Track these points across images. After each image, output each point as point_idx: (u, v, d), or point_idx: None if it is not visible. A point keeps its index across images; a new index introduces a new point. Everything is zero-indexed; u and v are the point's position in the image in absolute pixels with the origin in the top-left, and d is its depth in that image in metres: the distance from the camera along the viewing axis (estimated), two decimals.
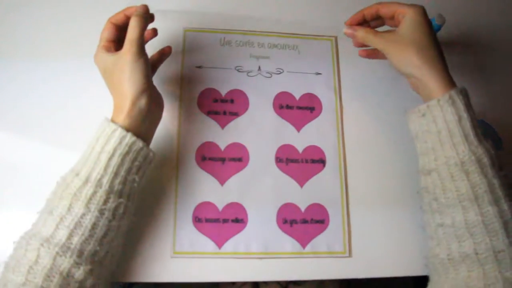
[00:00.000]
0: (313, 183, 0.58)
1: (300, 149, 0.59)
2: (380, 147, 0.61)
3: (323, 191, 0.58)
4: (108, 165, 0.45)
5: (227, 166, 0.57)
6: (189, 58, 0.62)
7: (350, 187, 0.58)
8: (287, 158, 0.58)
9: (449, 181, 0.47)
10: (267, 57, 0.63)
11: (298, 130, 0.60)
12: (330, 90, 0.62)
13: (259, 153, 0.58)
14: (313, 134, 0.60)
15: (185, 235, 0.54)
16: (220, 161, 0.57)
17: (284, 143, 0.59)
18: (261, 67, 0.62)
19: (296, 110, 0.61)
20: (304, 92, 0.62)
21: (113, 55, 0.48)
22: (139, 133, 0.47)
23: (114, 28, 0.51)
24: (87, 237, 0.43)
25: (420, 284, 0.53)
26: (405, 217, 0.57)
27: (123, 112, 0.47)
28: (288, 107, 0.61)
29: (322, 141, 0.60)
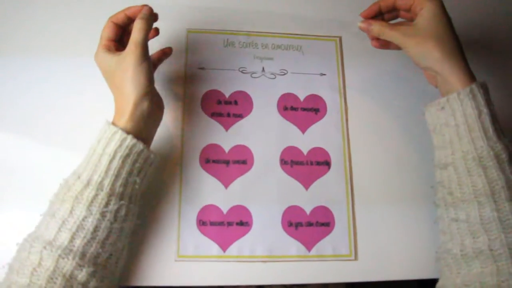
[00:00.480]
0: (318, 185, 0.57)
1: (305, 151, 0.58)
2: (386, 149, 0.60)
3: (328, 193, 0.57)
4: (109, 167, 0.45)
5: (231, 168, 0.57)
6: (192, 59, 0.61)
7: (355, 189, 0.58)
8: (291, 160, 0.58)
9: (465, 176, 0.46)
10: (271, 58, 0.63)
11: (303, 132, 0.59)
12: (335, 91, 0.62)
13: (264, 155, 0.58)
14: (318, 136, 0.59)
15: (189, 238, 0.53)
16: (224, 164, 0.57)
17: (289, 145, 0.58)
18: (265, 68, 0.62)
19: (301, 111, 0.60)
20: (308, 93, 0.61)
21: (115, 56, 0.48)
22: (140, 135, 0.47)
23: (115, 27, 0.50)
24: (89, 240, 0.43)
25: (424, 285, 0.52)
26: (412, 219, 0.57)
27: (124, 115, 0.46)
28: (293, 108, 0.60)
29: (327, 142, 0.59)
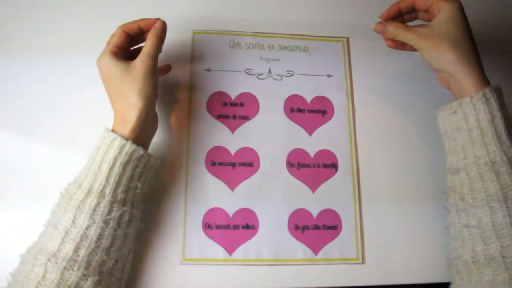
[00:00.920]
0: (325, 188, 0.57)
1: (312, 153, 0.58)
2: (394, 151, 0.59)
3: (335, 196, 0.56)
4: (109, 175, 0.44)
5: (237, 171, 0.56)
6: (198, 60, 0.61)
7: (363, 192, 0.57)
8: (298, 163, 0.57)
9: (477, 181, 0.45)
10: (278, 59, 0.62)
11: (310, 134, 0.59)
12: (342, 93, 0.61)
13: (270, 157, 0.57)
14: (325, 138, 0.59)
15: (195, 241, 0.53)
16: (231, 166, 0.56)
17: (296, 147, 0.58)
18: (271, 70, 0.61)
19: (308, 113, 0.60)
20: (315, 95, 0.61)
21: (123, 64, 0.48)
22: (138, 141, 0.47)
23: (126, 36, 0.50)
24: (94, 248, 0.43)
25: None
26: (421, 222, 0.56)
27: (127, 124, 0.46)
28: (299, 110, 0.60)
29: (334, 145, 0.58)
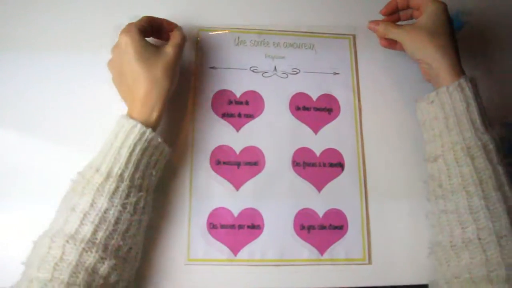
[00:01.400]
0: (331, 187, 0.56)
1: (318, 152, 0.57)
2: (401, 150, 0.59)
3: (341, 195, 0.56)
4: (129, 160, 0.45)
5: (242, 170, 0.56)
6: (203, 58, 0.60)
7: (369, 191, 0.57)
8: (304, 162, 0.57)
9: (454, 167, 0.47)
10: (283, 57, 0.61)
11: (316, 133, 0.58)
12: (349, 91, 0.60)
13: (275, 156, 0.56)
14: (331, 137, 0.58)
15: (200, 241, 0.52)
16: (236, 165, 0.56)
17: (301, 146, 0.57)
18: (276, 67, 0.61)
19: (313, 111, 0.59)
20: (321, 93, 0.60)
21: (153, 45, 0.50)
22: (155, 129, 0.49)
23: (150, 23, 0.52)
24: (111, 232, 0.44)
25: None
26: (428, 223, 0.55)
27: (152, 107, 0.48)
28: (305, 108, 0.59)
29: (340, 143, 0.58)
